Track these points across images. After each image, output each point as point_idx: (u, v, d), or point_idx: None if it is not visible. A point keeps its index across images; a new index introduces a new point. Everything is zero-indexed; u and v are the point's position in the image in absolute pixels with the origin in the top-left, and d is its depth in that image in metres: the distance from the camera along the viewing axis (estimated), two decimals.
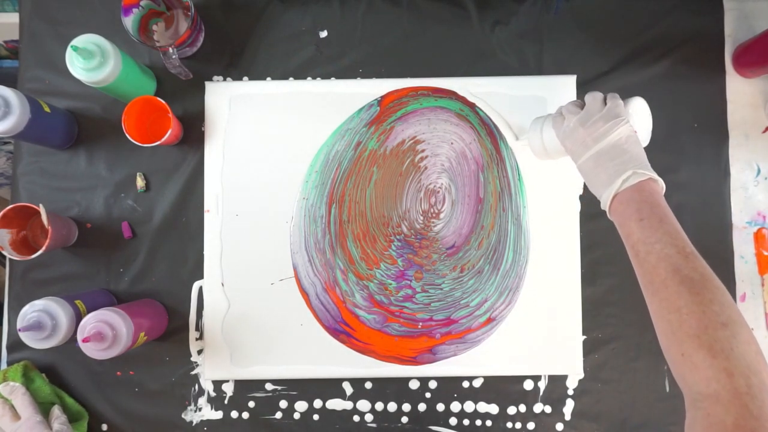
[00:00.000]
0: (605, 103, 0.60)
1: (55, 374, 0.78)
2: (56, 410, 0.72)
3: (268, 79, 0.82)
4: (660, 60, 0.82)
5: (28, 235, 0.75)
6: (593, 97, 0.61)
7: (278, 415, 0.79)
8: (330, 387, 0.79)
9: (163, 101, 0.73)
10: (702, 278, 0.49)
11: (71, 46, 0.66)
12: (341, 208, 0.79)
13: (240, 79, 0.81)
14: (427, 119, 0.80)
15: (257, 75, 0.82)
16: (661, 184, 0.57)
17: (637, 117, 0.61)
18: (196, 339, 0.79)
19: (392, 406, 0.79)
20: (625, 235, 0.55)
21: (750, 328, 0.47)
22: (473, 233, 0.79)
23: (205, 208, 0.80)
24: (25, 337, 0.67)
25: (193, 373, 0.79)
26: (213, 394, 0.79)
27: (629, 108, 0.61)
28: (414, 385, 0.79)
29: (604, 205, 0.58)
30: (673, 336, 0.48)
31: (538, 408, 0.79)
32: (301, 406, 0.79)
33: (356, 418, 0.79)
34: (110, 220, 0.80)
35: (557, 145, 0.67)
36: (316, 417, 0.79)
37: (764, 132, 0.82)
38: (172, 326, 0.79)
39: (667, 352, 0.49)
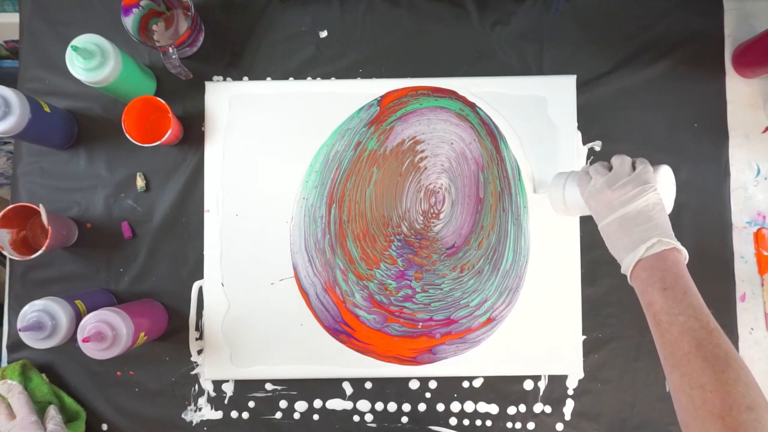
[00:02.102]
0: (633, 168, 0.60)
1: (54, 374, 0.78)
2: (52, 410, 0.72)
3: (268, 79, 0.82)
4: (660, 60, 0.82)
5: (28, 235, 0.75)
6: (621, 161, 0.61)
7: (278, 415, 0.79)
8: (330, 387, 0.79)
9: (163, 101, 0.73)
10: (726, 356, 0.48)
11: (71, 46, 0.66)
12: (341, 208, 0.79)
13: (240, 79, 0.81)
14: (427, 119, 0.80)
15: (257, 75, 0.82)
16: (685, 254, 0.56)
17: (664, 185, 0.61)
18: (196, 339, 0.79)
19: (392, 406, 0.79)
20: (647, 303, 0.55)
21: None
22: (473, 233, 0.79)
23: (205, 208, 0.80)
24: (25, 337, 0.67)
25: (193, 373, 0.79)
26: (213, 394, 0.79)
27: (657, 175, 0.61)
28: (414, 385, 0.79)
29: (626, 270, 0.58)
30: (695, 413, 0.47)
31: (538, 408, 0.79)
32: (301, 406, 0.79)
33: (356, 418, 0.79)
34: (110, 220, 0.80)
35: (579, 203, 0.66)
36: (316, 417, 0.79)
37: (764, 132, 0.82)
38: (172, 326, 0.79)
39: (686, 428, 0.48)
